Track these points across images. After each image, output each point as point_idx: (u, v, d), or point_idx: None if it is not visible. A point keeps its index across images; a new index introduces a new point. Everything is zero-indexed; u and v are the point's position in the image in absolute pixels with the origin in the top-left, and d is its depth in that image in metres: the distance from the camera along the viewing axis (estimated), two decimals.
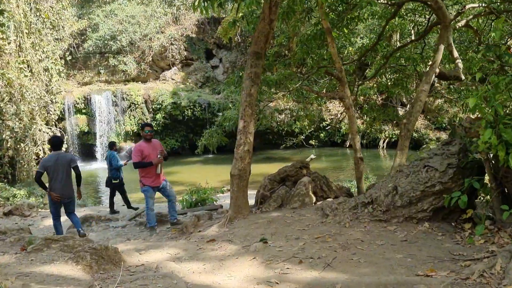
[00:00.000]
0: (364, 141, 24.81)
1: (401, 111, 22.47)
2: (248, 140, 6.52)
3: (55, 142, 7.21)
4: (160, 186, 7.39)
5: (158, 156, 7.29)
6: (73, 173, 7.22)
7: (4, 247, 5.73)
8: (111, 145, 11.25)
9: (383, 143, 23.73)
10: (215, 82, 27.21)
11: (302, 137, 11.49)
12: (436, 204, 4.97)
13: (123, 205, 12.87)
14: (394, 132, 21.17)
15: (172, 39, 27.18)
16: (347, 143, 25.51)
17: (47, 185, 7.15)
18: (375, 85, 10.92)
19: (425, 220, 5.03)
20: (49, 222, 10.65)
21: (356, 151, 6.70)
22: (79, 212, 11.69)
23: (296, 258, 4.54)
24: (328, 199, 6.61)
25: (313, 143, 24.76)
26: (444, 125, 22.68)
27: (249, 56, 6.89)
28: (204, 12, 6.90)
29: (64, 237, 5.46)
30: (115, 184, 10.92)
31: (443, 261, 4.06)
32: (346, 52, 10.32)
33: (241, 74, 7.62)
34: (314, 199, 6.68)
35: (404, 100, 23.68)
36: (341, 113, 13.77)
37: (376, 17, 10.09)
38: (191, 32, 27.41)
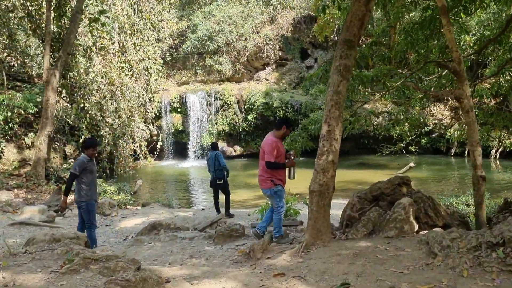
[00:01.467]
0: None
1: None
2: (333, 149, 5.14)
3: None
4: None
5: (291, 157, 6.42)
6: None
7: (49, 260, 4.98)
8: (215, 146, 10.69)
9: (496, 152, 20.60)
10: (304, 86, 25.87)
11: (401, 144, 9.72)
12: None
13: (202, 209, 12.11)
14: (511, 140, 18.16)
15: (268, 38, 26.37)
16: (452, 151, 22.69)
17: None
18: (496, 84, 8.83)
19: None
20: (127, 223, 10.16)
21: (476, 168, 4.99)
22: (158, 215, 11.13)
23: None
24: (435, 229, 5.00)
25: (412, 149, 22.31)
26: None
27: (339, 45, 5.50)
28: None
29: (106, 257, 4.55)
30: (220, 185, 10.31)
31: None
32: (462, 43, 8.41)
33: (327, 68, 6.24)
34: (416, 226, 5.10)
35: None
36: (452, 118, 11.68)
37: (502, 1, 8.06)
38: (287, 32, 26.36)
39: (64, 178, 15.38)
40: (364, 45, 7.15)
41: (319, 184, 5.10)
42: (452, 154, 22.59)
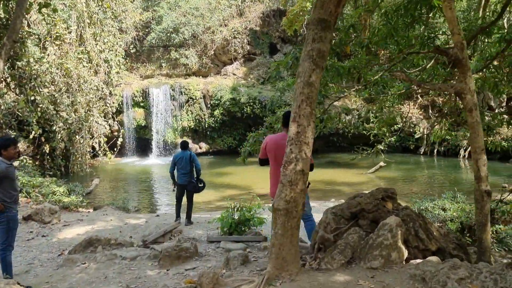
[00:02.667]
0: (442, 148, 21.29)
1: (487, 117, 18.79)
2: (303, 155, 3.98)
3: None
4: None
5: None
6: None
7: None
8: (186, 145, 9.24)
9: (465, 151, 20.05)
10: (278, 78, 24.74)
11: (380, 146, 8.70)
12: None
13: (157, 216, 10.76)
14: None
15: (235, 32, 25.08)
16: (422, 150, 22.07)
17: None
18: (480, 80, 7.88)
19: None
20: (67, 233, 8.72)
21: (480, 180, 3.93)
22: (105, 222, 9.71)
23: None
24: (430, 258, 3.91)
25: (381, 148, 21.58)
26: None
27: (311, 25, 4.34)
28: None
29: None
30: (200, 189, 9.11)
31: None
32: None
33: (298, 54, 5.07)
34: (405, 253, 4.01)
35: (493, 104, 19.89)
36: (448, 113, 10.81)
37: None
38: (255, 25, 25.13)
39: None
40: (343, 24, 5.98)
41: (285, 200, 3.93)
42: (421, 153, 22.00)
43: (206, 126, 23.26)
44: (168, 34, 25.45)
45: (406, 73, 4.65)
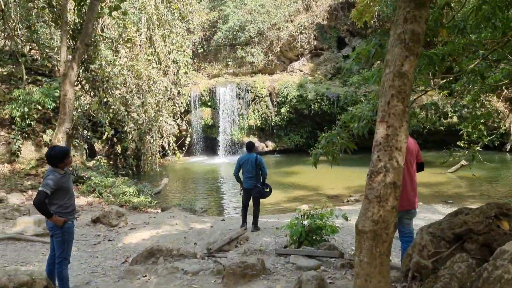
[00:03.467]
0: None
1: None
2: (394, 164, 3.15)
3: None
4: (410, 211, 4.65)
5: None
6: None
7: None
8: (252, 146, 8.60)
9: None
10: (346, 73, 23.55)
11: (477, 147, 7.55)
12: None
13: (223, 220, 10.22)
14: None
15: (302, 27, 24.20)
16: (508, 147, 19.87)
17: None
18: None
19: None
20: (133, 238, 8.43)
21: None
22: (171, 226, 9.33)
23: None
24: None
25: (461, 144, 19.68)
26: None
27: (401, 3, 3.47)
28: None
29: None
30: (266, 194, 8.42)
31: None
32: None
33: (382, 41, 4.19)
34: None
35: None
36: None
37: None
38: (322, 19, 24.07)
39: (84, 178, 13.88)
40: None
41: (372, 220, 3.11)
42: (507, 149, 19.80)
43: (273, 124, 22.66)
44: (234, 33, 25.14)
45: (487, 67, 3.65)
